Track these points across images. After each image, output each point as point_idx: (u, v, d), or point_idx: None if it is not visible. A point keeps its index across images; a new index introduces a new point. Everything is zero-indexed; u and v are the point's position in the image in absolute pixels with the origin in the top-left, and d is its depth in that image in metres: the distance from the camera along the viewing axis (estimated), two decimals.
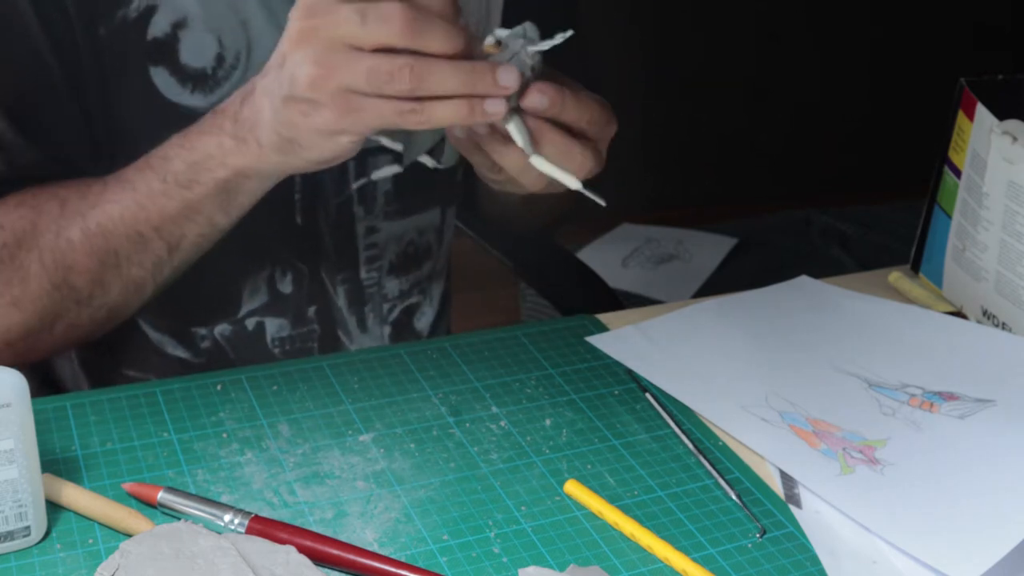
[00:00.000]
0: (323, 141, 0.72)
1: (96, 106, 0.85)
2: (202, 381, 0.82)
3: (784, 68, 3.26)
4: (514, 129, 0.71)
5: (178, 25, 0.83)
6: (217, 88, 0.85)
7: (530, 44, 0.71)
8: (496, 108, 0.69)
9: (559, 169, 0.72)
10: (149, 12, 0.82)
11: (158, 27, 0.83)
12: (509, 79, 0.69)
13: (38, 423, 0.66)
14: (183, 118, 0.82)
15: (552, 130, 0.72)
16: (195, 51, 0.84)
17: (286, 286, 0.94)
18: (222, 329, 0.94)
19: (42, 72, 0.82)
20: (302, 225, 0.93)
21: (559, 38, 0.71)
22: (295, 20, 0.70)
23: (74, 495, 0.68)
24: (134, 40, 0.82)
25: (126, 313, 0.88)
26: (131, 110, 0.85)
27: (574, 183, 0.73)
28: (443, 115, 0.69)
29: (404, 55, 0.67)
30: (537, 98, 0.70)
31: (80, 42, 0.82)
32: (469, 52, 0.69)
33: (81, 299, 0.83)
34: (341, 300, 0.97)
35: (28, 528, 0.65)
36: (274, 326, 0.95)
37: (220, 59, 0.84)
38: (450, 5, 0.69)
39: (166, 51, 0.83)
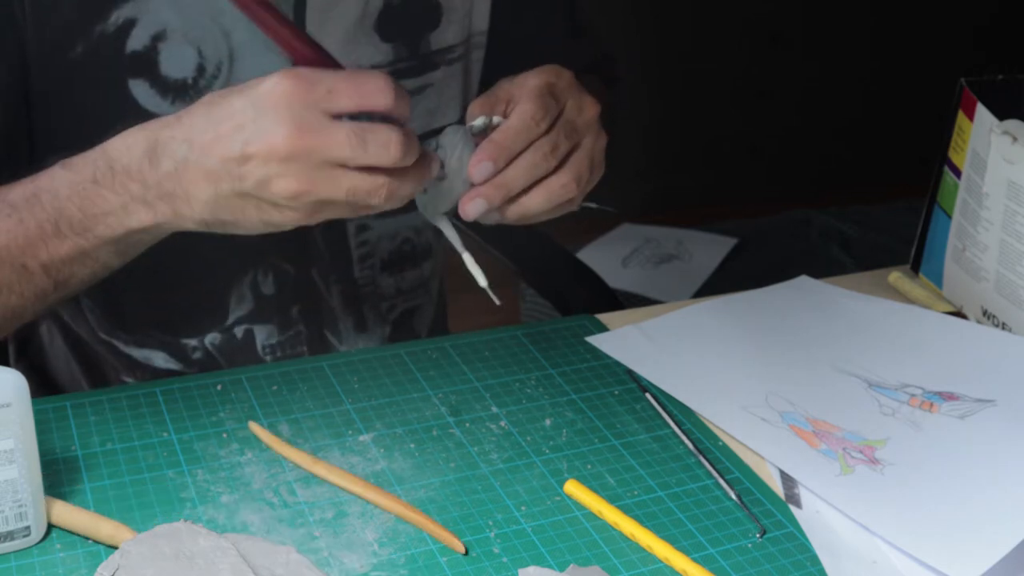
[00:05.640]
0: (264, 228, 0.73)
1: (67, 130, 0.83)
2: (202, 381, 0.82)
3: (784, 68, 3.26)
4: (447, 231, 0.79)
5: (158, 37, 0.82)
6: (198, 98, 0.83)
7: (450, 140, 0.77)
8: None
9: (477, 270, 0.78)
10: (128, 25, 0.81)
11: (137, 40, 0.81)
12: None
13: (38, 423, 0.66)
14: None
15: (517, 175, 0.76)
16: (175, 62, 0.83)
17: (269, 287, 0.94)
18: (212, 338, 0.94)
19: None
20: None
21: (494, 120, 0.77)
22: (283, 130, 0.67)
23: (61, 513, 0.67)
24: (112, 54, 0.81)
25: (4, 332, 0.84)
26: (109, 124, 0.81)
27: (482, 283, 0.78)
28: (395, 202, 0.72)
29: (382, 172, 0.70)
30: (480, 169, 0.74)
31: (43, 75, 0.81)
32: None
33: None
34: (335, 300, 0.97)
35: (28, 528, 0.65)
36: (263, 333, 0.95)
37: (201, 69, 0.83)
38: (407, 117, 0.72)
39: (146, 63, 0.82)
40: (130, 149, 0.72)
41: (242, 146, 0.68)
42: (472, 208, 0.75)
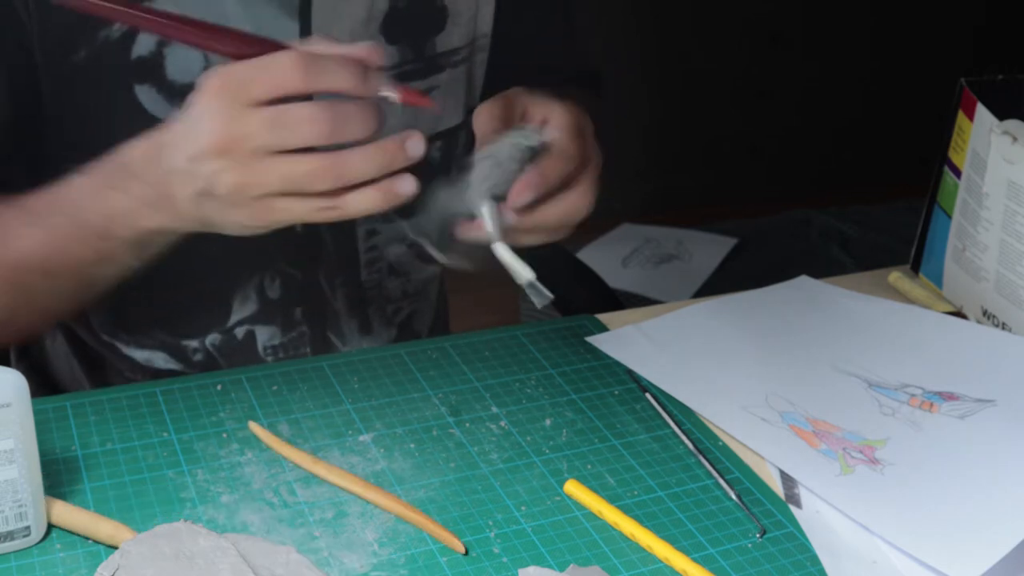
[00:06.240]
0: (239, 229, 0.73)
1: (72, 136, 0.84)
2: (202, 381, 0.82)
3: (784, 68, 3.26)
4: (486, 214, 0.75)
5: (163, 42, 0.82)
6: None
7: (524, 140, 0.76)
8: (407, 189, 0.70)
9: (517, 262, 0.76)
10: (133, 31, 0.81)
11: (143, 45, 0.82)
12: (417, 149, 0.70)
13: (38, 423, 0.66)
14: None
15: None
16: (181, 67, 0.83)
17: (275, 291, 0.94)
18: (212, 339, 0.94)
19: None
20: (302, 232, 0.93)
21: (546, 134, 0.77)
22: (207, 127, 0.68)
23: (61, 513, 0.67)
24: (117, 60, 0.81)
25: (36, 335, 0.89)
26: (116, 129, 0.82)
27: (525, 278, 0.77)
28: (359, 207, 0.70)
29: (318, 155, 0.68)
30: (523, 195, 0.75)
31: (48, 75, 0.81)
32: (381, 125, 0.70)
33: None
34: (340, 303, 0.97)
35: (28, 528, 0.65)
36: (265, 334, 0.95)
37: None
38: (359, 78, 0.69)
39: (152, 69, 0.82)
40: (137, 153, 0.74)
41: (191, 147, 0.70)
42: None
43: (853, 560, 0.69)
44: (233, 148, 0.68)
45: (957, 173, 1.00)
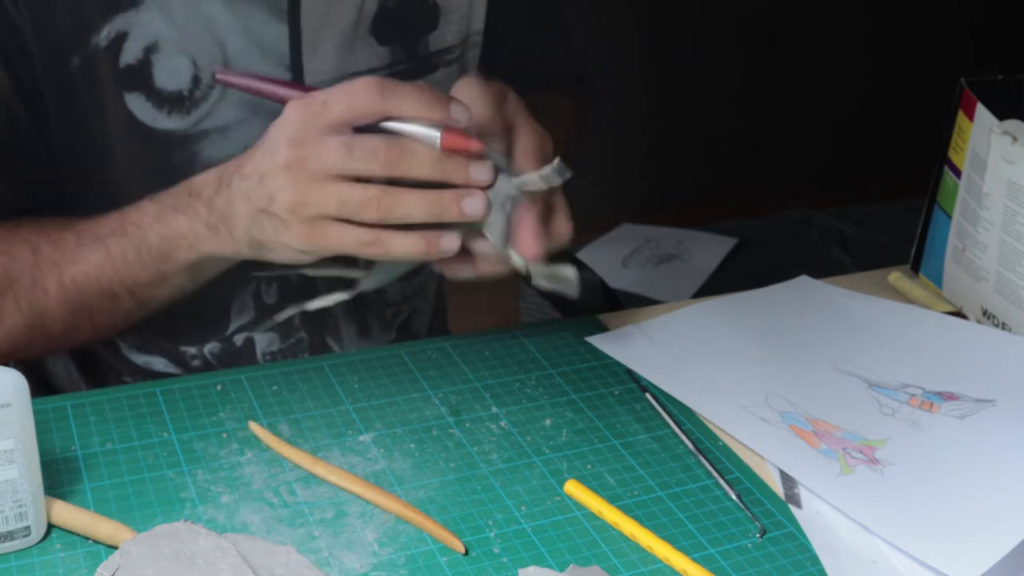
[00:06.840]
0: (287, 253, 0.77)
1: (70, 138, 0.84)
2: (202, 381, 0.82)
3: (783, 67, 3.26)
4: (492, 227, 0.76)
5: (150, 49, 0.82)
6: (195, 109, 0.84)
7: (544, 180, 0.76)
8: (452, 245, 0.74)
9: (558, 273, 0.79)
10: (120, 39, 0.81)
11: (130, 53, 0.82)
12: (473, 208, 0.73)
13: (38, 423, 0.66)
14: (161, 142, 0.83)
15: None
16: (169, 74, 0.83)
17: (272, 297, 0.94)
18: (211, 347, 0.94)
19: (9, 113, 0.82)
20: None
21: (548, 170, 0.75)
22: (283, 146, 0.73)
23: (61, 513, 0.67)
24: (107, 68, 0.82)
25: (95, 343, 0.93)
26: (108, 137, 0.84)
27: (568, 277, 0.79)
28: (400, 249, 0.74)
29: (375, 186, 0.72)
30: (536, 245, 0.76)
31: (47, 78, 0.82)
32: (445, 176, 0.73)
33: (53, 337, 0.85)
34: (337, 307, 0.97)
35: (28, 528, 0.65)
36: (264, 341, 0.95)
37: (196, 80, 0.83)
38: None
39: (140, 76, 0.82)
40: (206, 178, 0.79)
41: (258, 165, 0.74)
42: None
43: (853, 560, 0.69)
44: (302, 166, 0.72)
45: (957, 173, 1.00)
